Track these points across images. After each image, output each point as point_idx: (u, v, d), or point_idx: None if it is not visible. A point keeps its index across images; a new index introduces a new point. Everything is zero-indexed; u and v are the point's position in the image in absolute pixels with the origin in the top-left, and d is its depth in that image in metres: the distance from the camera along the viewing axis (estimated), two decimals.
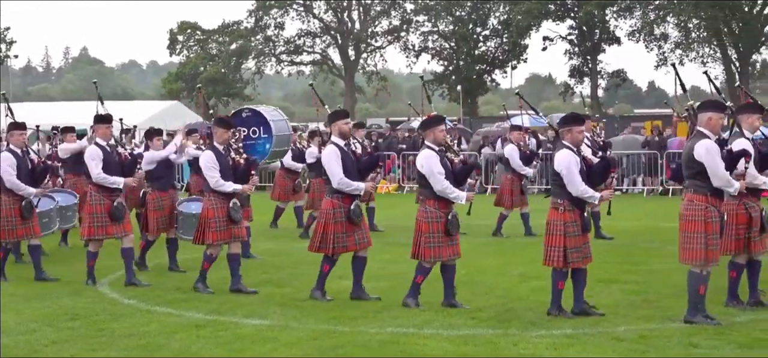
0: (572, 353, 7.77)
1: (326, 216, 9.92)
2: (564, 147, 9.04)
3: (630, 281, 10.93)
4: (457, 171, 9.53)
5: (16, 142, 11.47)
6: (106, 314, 9.51)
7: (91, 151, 11.22)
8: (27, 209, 11.44)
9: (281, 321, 9.12)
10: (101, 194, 11.12)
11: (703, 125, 8.71)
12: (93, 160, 11.11)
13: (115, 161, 11.25)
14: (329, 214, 9.89)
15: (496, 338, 8.30)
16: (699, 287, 8.65)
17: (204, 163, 10.62)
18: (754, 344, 7.98)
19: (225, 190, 10.54)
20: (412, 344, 8.11)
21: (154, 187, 12.43)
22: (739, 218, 9.29)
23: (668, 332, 8.40)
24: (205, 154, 10.69)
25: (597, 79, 53.08)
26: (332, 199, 9.92)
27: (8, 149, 11.46)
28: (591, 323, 8.88)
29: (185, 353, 7.94)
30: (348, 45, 56.99)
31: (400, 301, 9.69)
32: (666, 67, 50.04)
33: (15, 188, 11.32)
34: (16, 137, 11.49)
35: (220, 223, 10.57)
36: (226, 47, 56.95)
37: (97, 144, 11.22)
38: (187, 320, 9.19)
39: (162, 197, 12.37)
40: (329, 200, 9.94)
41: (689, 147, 8.73)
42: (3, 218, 11.35)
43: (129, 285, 11.01)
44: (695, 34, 48.56)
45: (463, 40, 53.39)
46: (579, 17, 50.70)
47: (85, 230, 11.24)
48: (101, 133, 11.30)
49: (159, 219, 12.32)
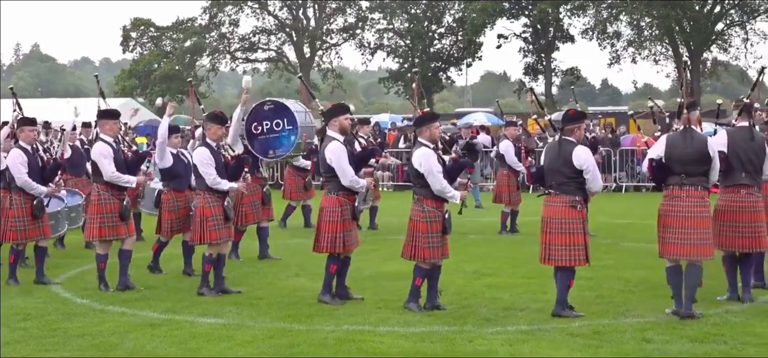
0: (527, 348, 7.83)
1: (333, 214, 9.60)
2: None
3: (583, 277, 11.00)
4: (449, 169, 9.37)
5: (26, 139, 11.00)
6: (58, 314, 9.41)
7: (102, 149, 10.59)
8: (38, 208, 10.96)
9: (237, 320, 9.08)
10: (110, 193, 10.60)
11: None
12: (106, 158, 10.53)
13: (121, 159, 10.79)
14: (337, 212, 9.60)
15: (452, 335, 8.33)
16: (701, 279, 9.00)
17: (199, 160, 10.31)
18: (705, 338, 8.09)
19: (222, 188, 10.34)
20: (368, 341, 8.11)
21: (169, 186, 11.84)
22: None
23: (621, 328, 8.49)
24: (200, 152, 10.37)
25: (551, 76, 53.44)
26: (339, 196, 9.64)
27: (18, 146, 10.99)
28: (545, 319, 8.95)
29: (139, 353, 7.88)
30: (303, 42, 56.80)
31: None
32: (619, 64, 50.57)
33: (26, 187, 10.87)
34: (27, 133, 11.01)
35: (218, 221, 10.34)
36: (180, 44, 56.51)
37: (104, 141, 10.67)
38: (142, 320, 9.12)
39: (178, 197, 11.78)
40: (336, 198, 9.63)
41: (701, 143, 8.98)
42: (13, 218, 10.92)
43: (124, 289, 10.55)
44: (647, 32, 49.02)
45: (418, 38, 53.49)
46: (533, 15, 51.02)
47: (95, 231, 10.63)
48: (108, 129, 10.73)
49: (173, 220, 11.72)
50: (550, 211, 9.06)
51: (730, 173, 9.58)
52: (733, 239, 9.57)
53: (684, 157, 8.95)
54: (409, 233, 9.35)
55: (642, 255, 11.98)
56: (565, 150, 8.95)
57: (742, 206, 9.53)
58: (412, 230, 9.30)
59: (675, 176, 8.98)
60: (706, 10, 47.26)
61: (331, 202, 9.64)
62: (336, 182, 9.61)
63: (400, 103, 66.70)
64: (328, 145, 9.63)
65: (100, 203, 10.57)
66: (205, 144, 10.45)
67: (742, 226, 9.53)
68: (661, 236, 9.06)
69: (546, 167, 9.19)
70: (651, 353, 7.66)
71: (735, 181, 9.59)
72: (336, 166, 9.55)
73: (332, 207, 9.63)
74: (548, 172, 9.13)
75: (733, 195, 9.59)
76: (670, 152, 9.01)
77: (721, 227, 9.58)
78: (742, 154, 9.57)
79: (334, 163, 9.55)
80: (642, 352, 7.69)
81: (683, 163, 8.95)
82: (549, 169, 9.13)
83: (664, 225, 9.03)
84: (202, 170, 10.28)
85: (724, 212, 9.60)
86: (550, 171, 9.12)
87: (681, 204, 8.92)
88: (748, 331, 8.33)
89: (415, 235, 9.26)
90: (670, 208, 8.98)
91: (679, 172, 8.96)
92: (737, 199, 9.55)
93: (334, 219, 9.60)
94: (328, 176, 9.69)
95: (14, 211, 10.92)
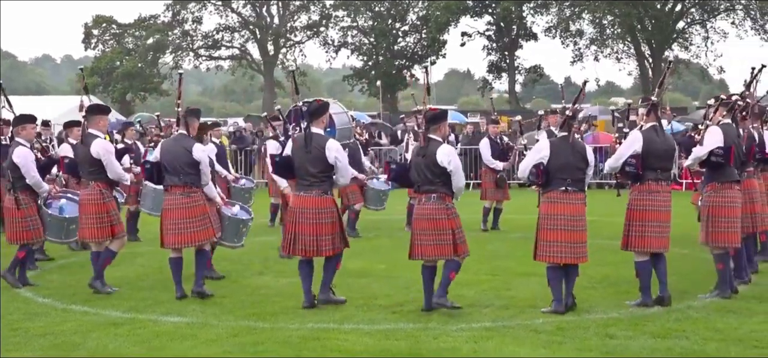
0: (491, 345, 7.86)
1: (335, 215, 9.43)
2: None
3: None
4: None
5: (27, 136, 10.80)
6: (19, 314, 9.31)
7: (107, 146, 10.40)
8: (40, 207, 10.85)
9: (200, 318, 9.03)
10: (109, 192, 10.44)
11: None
12: (111, 154, 10.34)
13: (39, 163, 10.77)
14: (337, 212, 9.50)
15: (417, 332, 8.35)
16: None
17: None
18: (668, 333, 8.16)
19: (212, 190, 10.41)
20: (332, 339, 8.10)
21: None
22: None
23: (585, 324, 8.55)
24: (201, 148, 10.19)
25: (515, 74, 53.69)
26: (333, 196, 9.53)
27: (19, 143, 10.71)
28: (510, 315, 8.99)
29: (102, 353, 7.82)
30: (267, 40, 56.60)
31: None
32: (582, 62, 50.88)
33: (36, 185, 10.66)
34: (29, 130, 10.81)
35: (214, 218, 10.38)
36: (143, 42, 56.11)
37: (22, 144, 10.61)
38: (104, 319, 9.04)
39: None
40: (332, 199, 9.45)
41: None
42: (24, 218, 10.64)
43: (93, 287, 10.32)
44: (610, 30, 49.37)
45: (382, 36, 53.50)
46: (497, 13, 51.19)
47: (116, 229, 10.46)
48: (102, 126, 10.49)
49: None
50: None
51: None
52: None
53: (660, 153, 9.20)
54: (435, 233, 8.98)
55: (604, 252, 12.05)
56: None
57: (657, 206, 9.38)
58: (442, 227, 8.97)
59: (652, 172, 9.15)
60: (667, 8, 47.71)
61: (330, 202, 9.43)
62: (339, 180, 9.54)
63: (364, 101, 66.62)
64: (331, 143, 9.41)
65: (105, 203, 10.38)
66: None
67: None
68: (638, 231, 9.17)
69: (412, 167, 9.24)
70: (614, 348, 7.72)
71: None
72: (338, 165, 9.40)
73: (334, 206, 9.46)
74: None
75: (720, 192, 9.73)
76: (648, 148, 9.16)
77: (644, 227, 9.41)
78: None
79: (336, 162, 9.35)
80: (605, 348, 7.75)
81: (660, 158, 9.20)
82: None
83: (641, 219, 9.15)
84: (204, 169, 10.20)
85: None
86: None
87: (660, 198, 9.17)
88: (709, 327, 8.41)
89: (448, 232, 8.97)
90: (650, 202, 9.15)
91: (656, 167, 9.16)
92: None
93: (335, 219, 9.38)
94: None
95: (24, 211, 10.66)
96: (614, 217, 16.10)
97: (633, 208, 9.25)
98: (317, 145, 9.26)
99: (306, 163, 9.29)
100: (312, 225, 9.23)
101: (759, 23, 47.00)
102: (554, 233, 8.98)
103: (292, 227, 9.35)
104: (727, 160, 9.54)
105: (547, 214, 9.05)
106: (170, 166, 9.97)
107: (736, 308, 9.16)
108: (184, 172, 9.94)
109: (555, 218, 8.99)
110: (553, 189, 9.02)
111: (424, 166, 9.03)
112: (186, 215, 9.91)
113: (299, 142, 9.40)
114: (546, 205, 9.09)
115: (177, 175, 9.94)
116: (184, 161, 9.94)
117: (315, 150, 9.25)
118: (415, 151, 9.40)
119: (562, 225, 8.96)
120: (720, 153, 9.48)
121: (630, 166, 9.20)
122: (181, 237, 9.93)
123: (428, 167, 9.00)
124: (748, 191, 10.40)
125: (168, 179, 10.01)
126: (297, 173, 9.42)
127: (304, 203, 9.30)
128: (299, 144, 9.39)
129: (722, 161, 9.51)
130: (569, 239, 8.97)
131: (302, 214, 9.27)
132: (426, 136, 9.08)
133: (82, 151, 10.45)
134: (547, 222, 9.04)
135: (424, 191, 9.06)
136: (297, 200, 9.40)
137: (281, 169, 9.74)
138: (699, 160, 9.73)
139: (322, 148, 9.27)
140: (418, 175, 9.11)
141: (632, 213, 9.25)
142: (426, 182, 9.04)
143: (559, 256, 8.98)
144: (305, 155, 9.29)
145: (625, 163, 9.23)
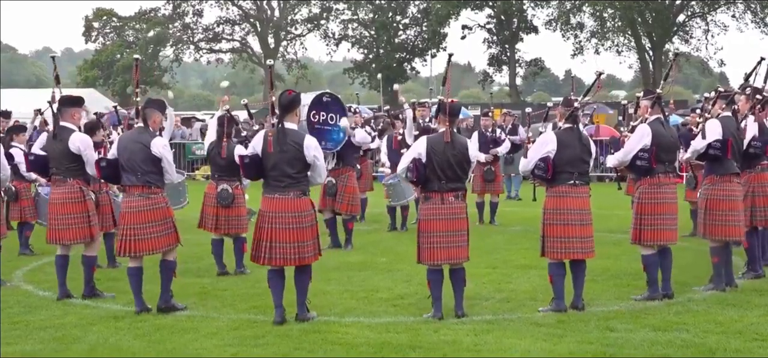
0: (492, 338, 7.86)
1: (314, 217, 8.76)
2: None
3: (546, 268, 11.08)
4: None
5: (75, 122, 10.27)
6: (20, 307, 9.31)
7: (86, 140, 9.77)
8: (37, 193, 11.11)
9: (201, 311, 9.04)
10: (88, 188, 9.90)
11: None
12: (91, 148, 9.72)
13: None
14: (315, 214, 8.82)
15: (417, 325, 8.35)
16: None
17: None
18: (668, 326, 8.16)
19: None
20: (333, 332, 8.10)
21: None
22: None
23: (585, 317, 8.55)
24: (162, 143, 9.20)
25: (515, 67, 53.64)
26: (310, 197, 8.73)
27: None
28: (510, 308, 8.99)
29: (102, 346, 7.81)
30: (267, 33, 56.57)
31: (321, 290, 9.65)
32: (582, 55, 50.81)
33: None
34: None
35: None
36: (144, 34, 56.08)
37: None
38: (105, 312, 9.05)
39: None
40: (310, 200, 8.66)
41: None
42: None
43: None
44: (610, 23, 49.31)
45: (382, 29, 53.43)
46: (497, 6, 51.13)
47: (95, 230, 9.92)
48: (76, 119, 9.91)
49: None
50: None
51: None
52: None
53: (667, 145, 9.24)
54: (457, 234, 8.61)
55: (604, 244, 12.06)
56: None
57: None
58: (463, 229, 8.67)
59: (660, 164, 9.16)
60: (667, 1, 47.65)
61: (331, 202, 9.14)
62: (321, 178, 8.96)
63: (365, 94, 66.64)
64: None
65: (99, 200, 10.44)
66: None
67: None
68: (650, 224, 9.14)
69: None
70: (614, 341, 7.72)
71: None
72: (321, 163, 8.79)
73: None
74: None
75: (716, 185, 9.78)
76: (658, 141, 9.14)
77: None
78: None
79: (320, 160, 8.67)
80: (606, 340, 7.75)
81: (667, 150, 9.23)
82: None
83: (653, 212, 9.14)
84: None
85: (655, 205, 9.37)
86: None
87: (669, 191, 9.22)
88: (709, 319, 8.42)
89: (464, 234, 8.68)
90: (660, 195, 9.16)
91: (664, 160, 9.19)
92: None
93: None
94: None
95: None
96: (614, 210, 16.15)
97: (644, 202, 9.18)
98: (293, 143, 8.34)
99: (281, 164, 8.32)
100: (292, 230, 8.34)
101: (759, 16, 46.94)
102: (564, 229, 8.70)
103: (268, 234, 8.38)
104: (724, 153, 9.54)
105: (555, 209, 8.76)
106: (127, 164, 8.93)
107: (736, 301, 9.18)
108: (142, 171, 8.87)
109: (564, 212, 8.72)
110: (561, 183, 8.75)
111: (455, 163, 8.49)
112: (144, 219, 8.89)
113: (270, 140, 8.38)
114: (553, 199, 8.79)
115: (135, 173, 8.89)
116: (141, 158, 8.89)
117: (291, 148, 8.33)
118: (431, 147, 8.50)
119: (572, 220, 8.71)
120: (717, 146, 9.50)
121: (641, 160, 9.08)
122: (139, 244, 8.92)
123: (460, 164, 8.53)
124: (761, 184, 10.40)
125: (125, 178, 8.99)
126: (269, 174, 8.43)
127: (281, 206, 8.37)
128: (270, 141, 8.37)
129: (719, 154, 9.53)
130: (579, 233, 8.74)
131: (280, 219, 8.35)
132: (451, 131, 8.53)
133: (57, 146, 9.66)
134: (555, 217, 8.75)
135: (451, 189, 8.54)
136: (270, 203, 8.42)
137: (250, 171, 8.64)
138: (697, 153, 9.75)
139: (299, 146, 8.36)
140: (443, 173, 8.49)
141: (643, 207, 9.18)
142: (454, 178, 8.54)
143: (571, 252, 8.74)
144: (280, 155, 8.33)
145: (636, 157, 9.13)
